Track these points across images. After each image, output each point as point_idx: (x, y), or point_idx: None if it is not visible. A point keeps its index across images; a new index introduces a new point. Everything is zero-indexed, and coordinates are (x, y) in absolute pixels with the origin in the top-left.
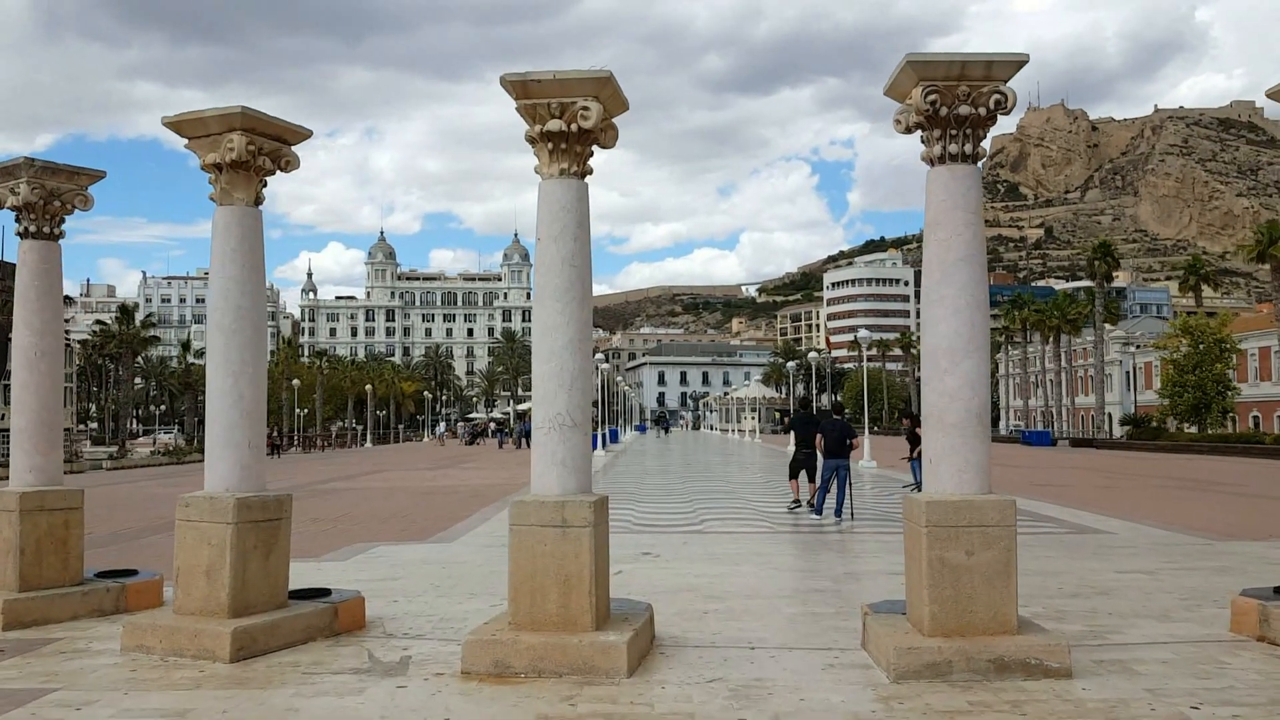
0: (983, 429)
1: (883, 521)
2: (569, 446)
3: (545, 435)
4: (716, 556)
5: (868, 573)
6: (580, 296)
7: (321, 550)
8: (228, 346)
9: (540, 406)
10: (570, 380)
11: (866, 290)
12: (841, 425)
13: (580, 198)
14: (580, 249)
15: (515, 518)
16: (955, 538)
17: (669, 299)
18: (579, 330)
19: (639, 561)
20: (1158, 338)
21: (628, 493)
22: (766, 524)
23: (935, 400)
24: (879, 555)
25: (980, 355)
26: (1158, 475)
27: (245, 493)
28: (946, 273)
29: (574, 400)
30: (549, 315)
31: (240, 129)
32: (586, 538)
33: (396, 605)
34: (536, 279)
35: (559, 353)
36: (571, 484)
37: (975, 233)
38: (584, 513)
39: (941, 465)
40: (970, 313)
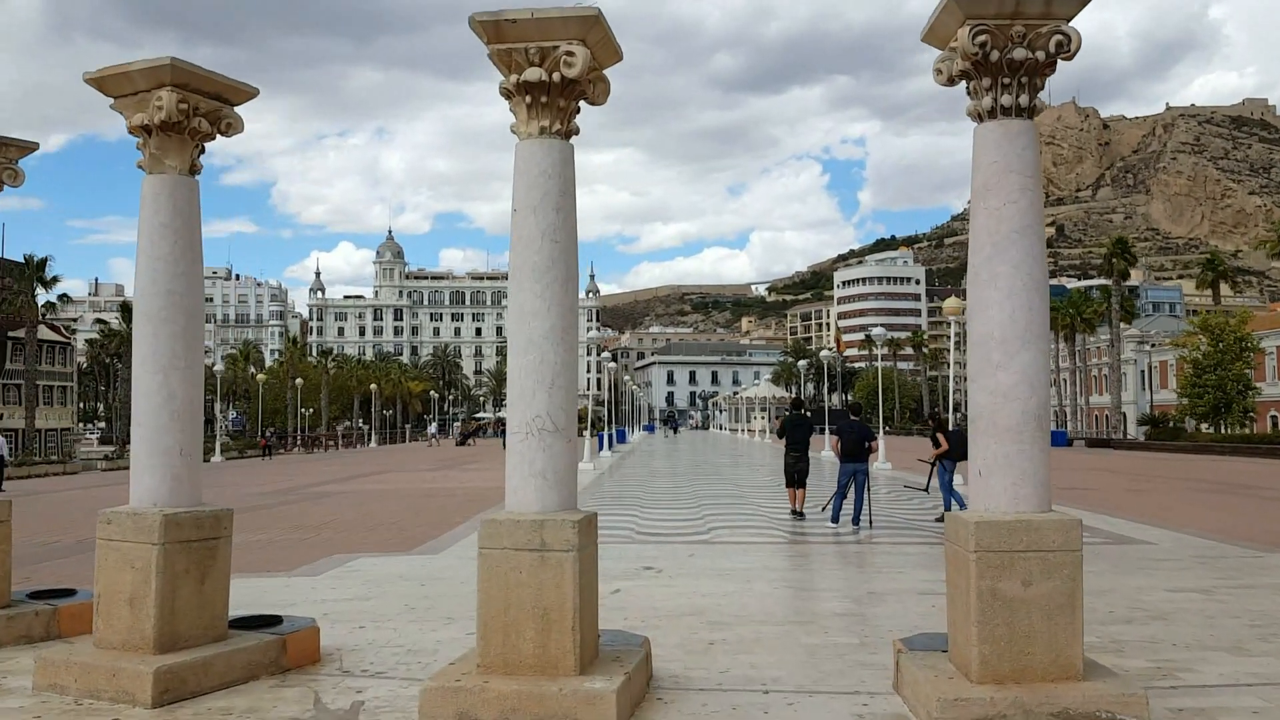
0: (1042, 434)
1: (904, 530)
2: (550, 455)
3: (522, 442)
4: (725, 572)
5: (893, 592)
6: (563, 277)
7: (295, 563)
8: (156, 337)
9: (516, 407)
10: (551, 376)
11: (877, 289)
12: (859, 426)
13: (564, 161)
14: (564, 222)
15: (485, 539)
16: (1010, 565)
17: (678, 298)
18: (561, 317)
19: (639, 577)
20: (1174, 336)
21: (632, 497)
22: (779, 532)
23: (985, 400)
24: (904, 570)
25: (1039, 346)
26: (1184, 477)
27: (175, 508)
28: (999, 247)
29: (556, 400)
30: (526, 299)
31: (170, 85)
32: (570, 564)
33: (362, 633)
34: (512, 257)
35: (538, 343)
36: (552, 500)
37: (1033, 200)
38: (566, 534)
39: (993, 478)
40: (1027, 295)
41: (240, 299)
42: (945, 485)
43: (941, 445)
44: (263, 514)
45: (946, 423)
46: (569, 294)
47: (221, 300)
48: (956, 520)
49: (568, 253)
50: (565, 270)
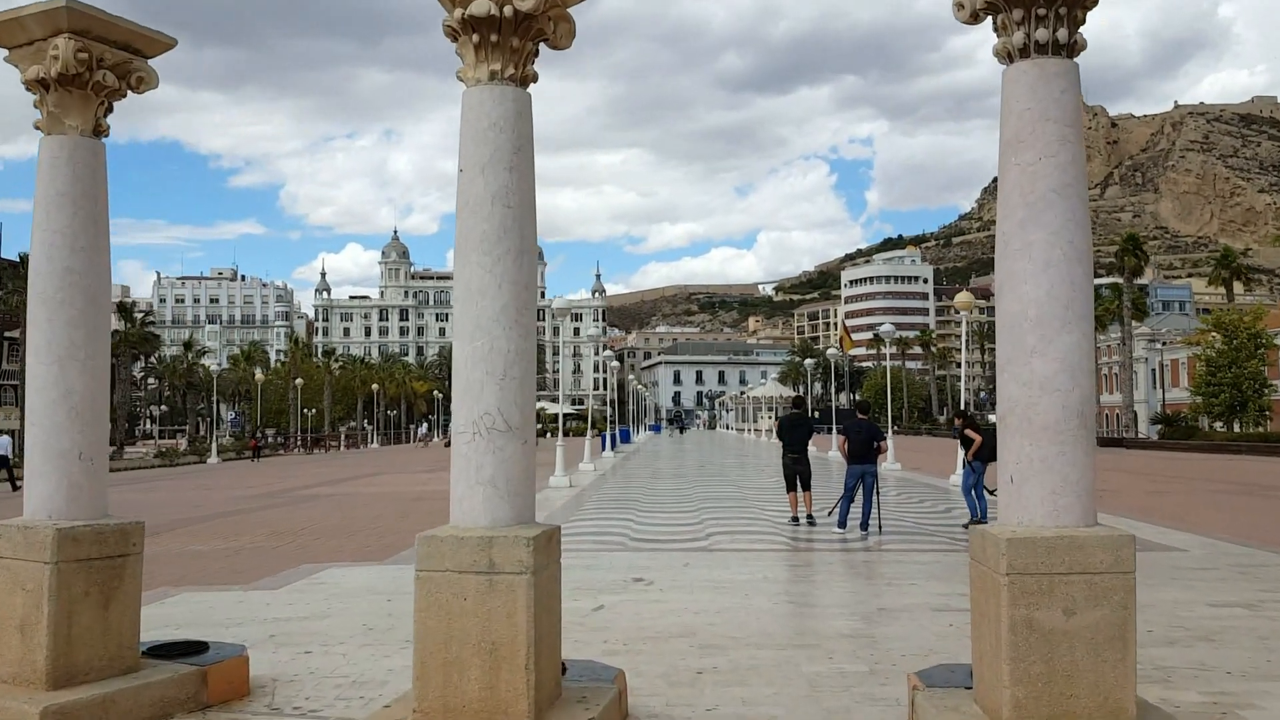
0: (1085, 433)
1: (914, 536)
2: (501, 460)
3: (468, 444)
4: (721, 584)
5: (905, 608)
6: (517, 249)
7: (259, 574)
8: (51, 323)
9: (462, 403)
10: (503, 366)
11: (885, 288)
12: (867, 426)
13: (518, 113)
14: (519, 184)
15: (423, 560)
16: (1049, 590)
17: (685, 298)
18: (515, 295)
19: (627, 591)
20: (1185, 335)
21: (629, 500)
22: (781, 539)
23: (1018, 393)
24: (916, 582)
25: (1082, 328)
26: (1204, 478)
27: (73, 521)
28: (1033, 210)
29: (508, 394)
30: (473, 274)
31: (68, 32)
32: (523, 589)
33: (306, 659)
34: (458, 225)
35: (486, 327)
36: (504, 513)
37: (1074, 153)
38: (519, 553)
39: (1028, 486)
40: (1068, 267)
41: (246, 300)
42: (967, 489)
43: (975, 441)
44: (241, 519)
45: (975, 419)
46: (524, 269)
47: (227, 301)
48: (984, 536)
49: (523, 220)
50: (519, 240)
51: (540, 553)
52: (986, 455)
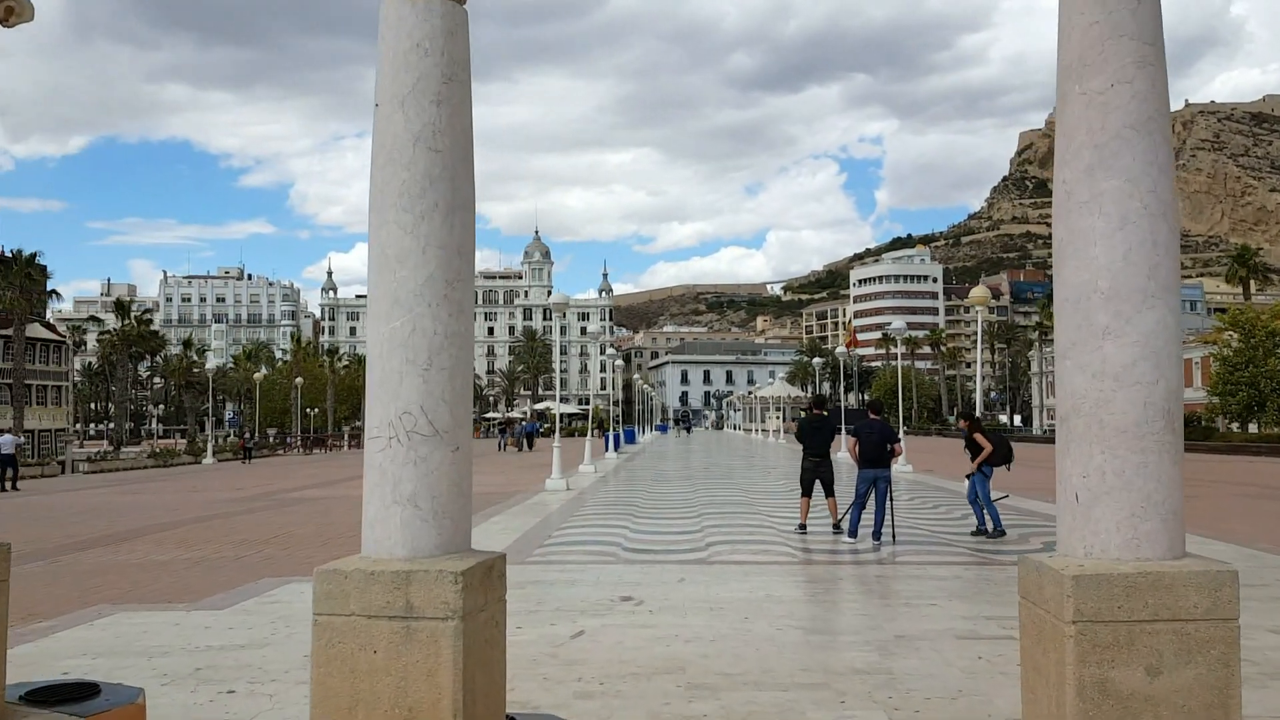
0: (1174, 438)
1: (931, 546)
2: (425, 472)
3: (383, 453)
4: (719, 605)
5: (926, 635)
6: (447, 204)
7: (212, 590)
8: None
9: (376, 400)
10: (428, 353)
11: (894, 287)
12: (880, 426)
13: (449, 32)
14: (449, 121)
15: (323, 601)
16: (1128, 643)
17: (693, 297)
18: (443, 263)
19: (612, 612)
20: (1200, 333)
21: (628, 504)
22: (787, 550)
23: (1085, 387)
24: (936, 601)
25: (1168, 302)
26: (1228, 480)
27: None
28: (1105, 153)
29: (435, 389)
30: (390, 236)
31: None
32: (448, 640)
33: (228, 701)
34: (371, 174)
35: (407, 303)
36: (428, 539)
37: (1154, 78)
38: (444, 593)
39: (1100, 507)
40: (1149, 224)
41: (252, 299)
42: (986, 497)
43: (984, 448)
44: (215, 525)
45: (980, 421)
46: (455, 230)
47: (234, 300)
48: (1041, 571)
49: (455, 169)
50: (450, 194)
51: (473, 592)
52: (999, 460)
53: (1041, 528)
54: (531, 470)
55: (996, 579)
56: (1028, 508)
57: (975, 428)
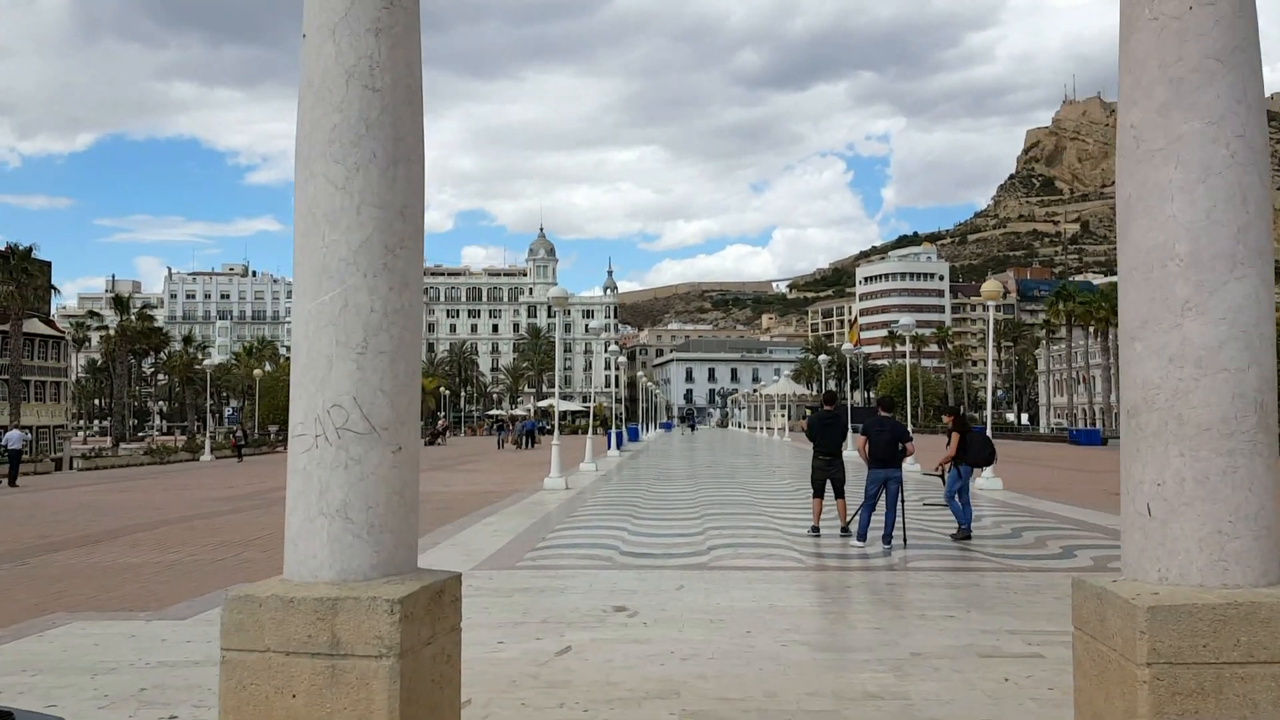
0: (1268, 437)
1: (944, 550)
2: (358, 477)
3: (308, 454)
4: (719, 615)
5: (944, 652)
6: (388, 154)
7: (179, 596)
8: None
9: (301, 389)
10: (363, 333)
11: (900, 285)
12: (891, 424)
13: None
14: (390, 55)
15: (233, 633)
16: (1215, 690)
17: (698, 295)
18: (383, 226)
19: (604, 625)
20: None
21: (627, 504)
22: (793, 555)
23: (1159, 375)
24: (953, 612)
25: (1261, 270)
26: None
27: None
28: (1182, 88)
29: (371, 376)
30: (319, 192)
31: None
32: (382, 683)
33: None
34: (298, 117)
35: (338, 273)
36: (361, 558)
37: (1240, 1)
38: (378, 625)
39: (1179, 521)
40: (1238, 174)
41: (257, 295)
42: (951, 495)
43: (950, 448)
44: (197, 525)
45: (966, 419)
46: (399, 186)
47: (238, 297)
48: (1104, 600)
49: (397, 113)
50: (391, 142)
51: (415, 623)
52: (974, 459)
53: (1057, 531)
54: (531, 469)
55: (1015, 587)
56: (1041, 509)
57: (958, 424)
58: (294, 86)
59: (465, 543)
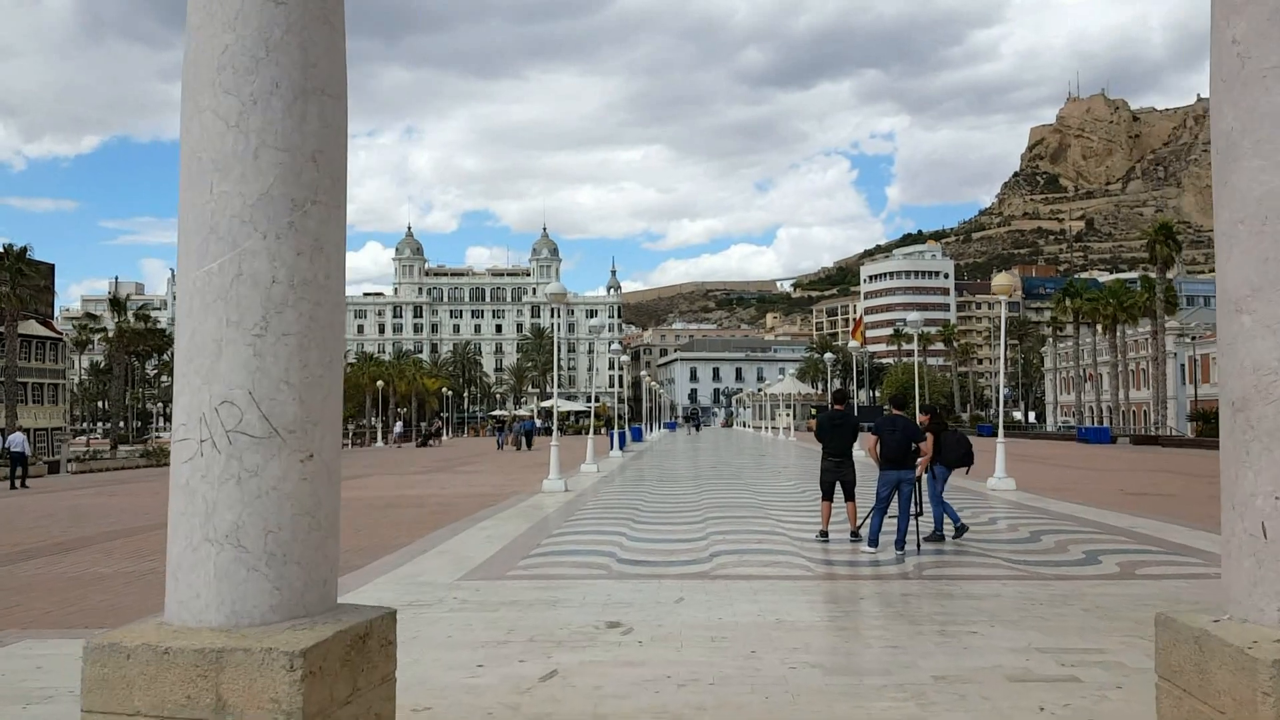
0: None
1: (960, 555)
2: (255, 494)
3: (190, 463)
4: (722, 632)
5: (970, 675)
6: (294, 84)
7: (143, 610)
8: None
9: (185, 381)
10: (262, 310)
11: (905, 283)
12: (904, 424)
13: None
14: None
15: (93, 691)
16: None
17: (702, 295)
18: (288, 175)
19: (594, 644)
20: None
21: (628, 507)
22: (800, 562)
23: (1273, 353)
24: (976, 627)
25: None
26: None
27: None
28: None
29: (271, 365)
30: (206, 131)
31: None
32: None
33: None
34: (184, 40)
35: (229, 234)
36: (258, 597)
37: None
38: (275, 685)
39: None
40: None
41: None
42: (935, 497)
43: (924, 451)
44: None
45: (943, 418)
46: (310, 125)
47: None
48: (1205, 646)
49: (307, 32)
50: (299, 69)
51: (326, 680)
52: (948, 460)
53: (1077, 534)
54: (532, 470)
55: (1039, 597)
56: (1057, 510)
57: (935, 424)
58: None
59: (456, 549)
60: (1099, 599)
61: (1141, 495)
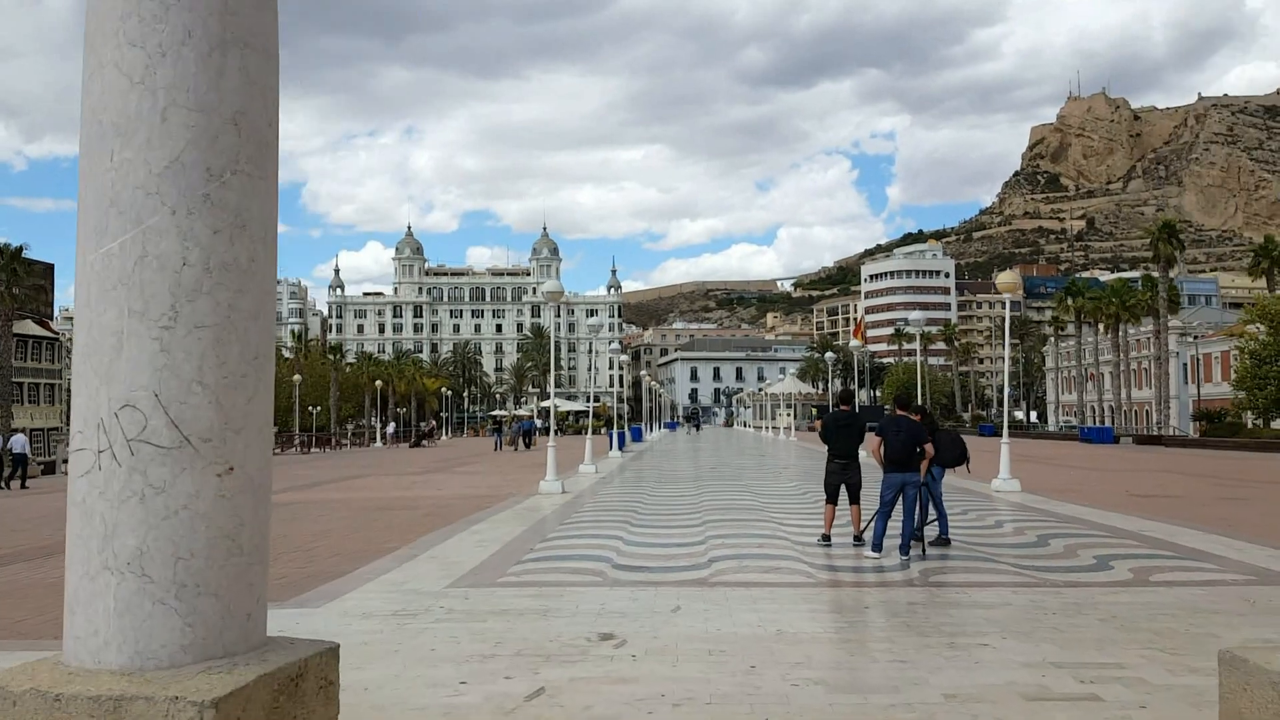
0: None
1: (967, 560)
2: (162, 512)
3: (87, 477)
4: (720, 645)
5: (982, 693)
6: (212, 34)
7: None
8: None
9: (83, 382)
10: (171, 299)
11: (906, 283)
12: (909, 424)
13: None
14: None
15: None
16: None
17: (702, 294)
18: (203, 138)
19: (586, 659)
20: (1217, 328)
21: (626, 509)
22: (802, 568)
23: None
24: (987, 639)
25: None
26: (1272, 480)
27: None
28: None
29: (183, 363)
30: (110, 91)
31: None
32: None
33: None
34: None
35: (132, 208)
36: (167, 635)
37: None
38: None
39: None
40: None
41: None
42: (937, 500)
43: (928, 453)
44: None
45: (935, 419)
46: (231, 82)
47: None
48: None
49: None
50: (218, 19)
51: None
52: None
53: (1085, 538)
54: (530, 471)
55: (1051, 606)
56: (1063, 512)
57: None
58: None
59: (446, 555)
60: (1113, 608)
61: (1148, 497)
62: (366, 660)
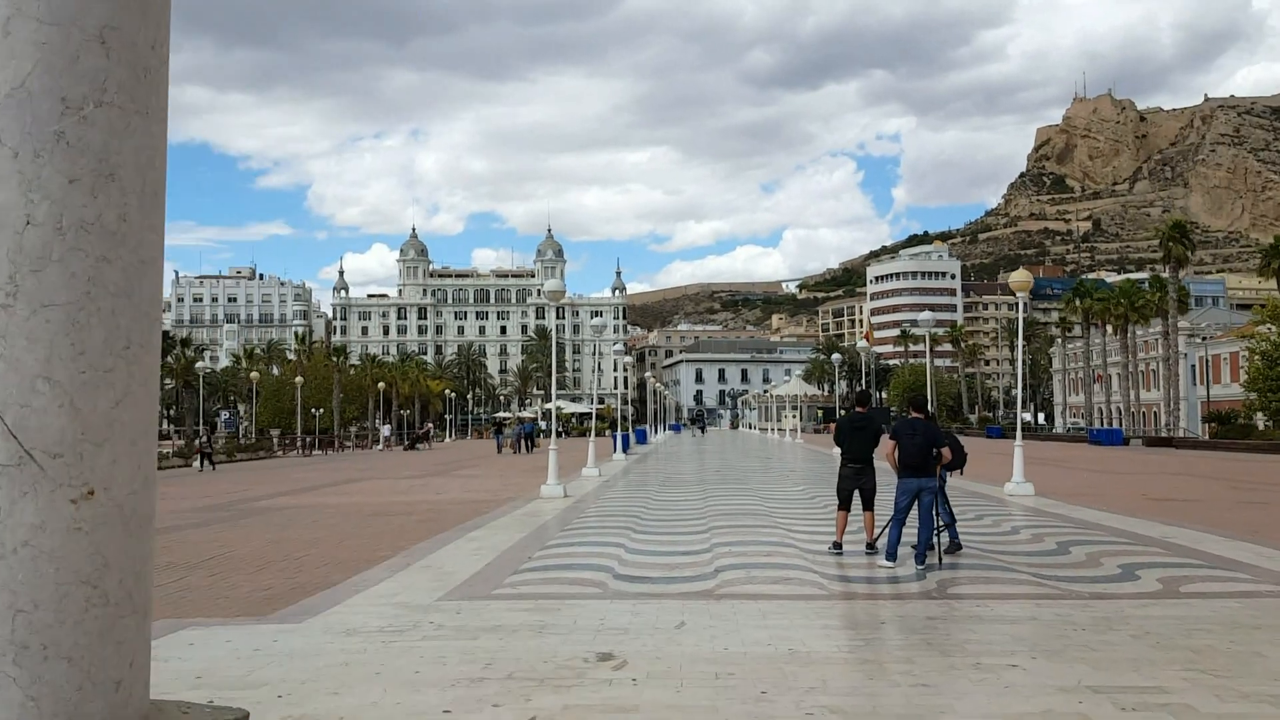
0: None
1: (986, 570)
2: (22, 567)
3: None
4: (728, 667)
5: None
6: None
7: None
8: None
9: None
10: (8, 268)
11: (911, 284)
12: (925, 427)
13: None
14: None
15: None
16: None
17: (707, 296)
18: (55, 59)
19: (583, 682)
20: (1225, 329)
21: (629, 514)
22: (813, 578)
23: None
24: (1014, 658)
25: None
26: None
27: None
28: None
29: (24, 353)
30: None
31: None
32: None
33: None
34: None
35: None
36: (4, 713)
37: None
38: None
39: None
40: None
41: (264, 299)
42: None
43: (945, 457)
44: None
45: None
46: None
47: (245, 300)
48: None
49: None
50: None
51: None
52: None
53: (1108, 545)
54: (532, 474)
55: (1080, 621)
56: (1081, 517)
57: None
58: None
59: (440, 564)
60: (1146, 623)
61: (1166, 500)
62: (345, 684)
